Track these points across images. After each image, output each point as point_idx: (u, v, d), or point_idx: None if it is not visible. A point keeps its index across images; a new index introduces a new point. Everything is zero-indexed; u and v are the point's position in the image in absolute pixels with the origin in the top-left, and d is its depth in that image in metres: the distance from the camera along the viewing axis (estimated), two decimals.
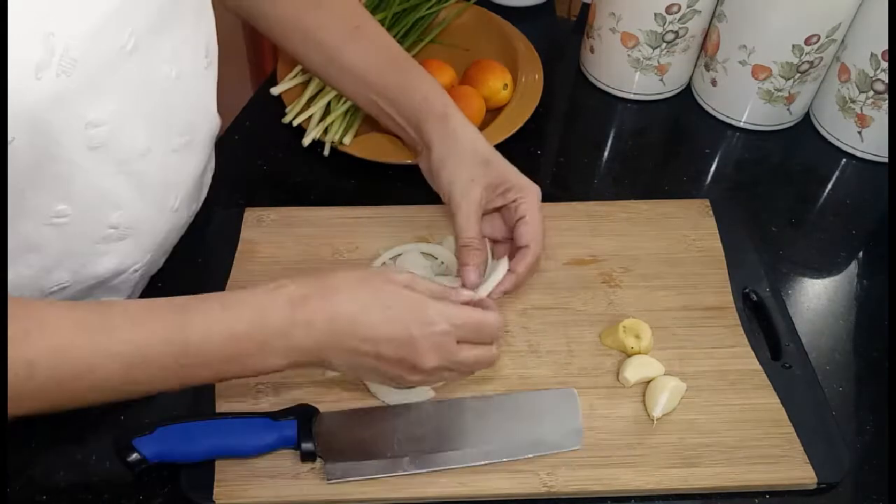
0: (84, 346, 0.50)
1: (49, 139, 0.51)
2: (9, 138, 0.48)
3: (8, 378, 0.47)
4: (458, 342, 0.58)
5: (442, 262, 0.76)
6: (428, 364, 0.57)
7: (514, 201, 0.69)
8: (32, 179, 0.53)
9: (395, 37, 0.96)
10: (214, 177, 0.79)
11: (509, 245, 0.71)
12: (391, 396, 0.66)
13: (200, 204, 0.77)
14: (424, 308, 0.57)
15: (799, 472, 0.63)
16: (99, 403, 0.54)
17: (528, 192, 0.69)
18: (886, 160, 0.92)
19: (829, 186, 0.91)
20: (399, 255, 0.77)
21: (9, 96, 0.46)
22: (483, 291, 0.67)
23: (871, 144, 0.92)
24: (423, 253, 0.77)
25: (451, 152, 0.70)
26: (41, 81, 0.47)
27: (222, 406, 0.66)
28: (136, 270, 0.67)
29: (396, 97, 0.72)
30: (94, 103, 0.53)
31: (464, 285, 0.68)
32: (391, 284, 0.57)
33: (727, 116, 0.96)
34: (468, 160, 0.69)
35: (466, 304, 0.60)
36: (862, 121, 0.91)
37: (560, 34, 1.13)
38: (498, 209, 0.71)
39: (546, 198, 0.84)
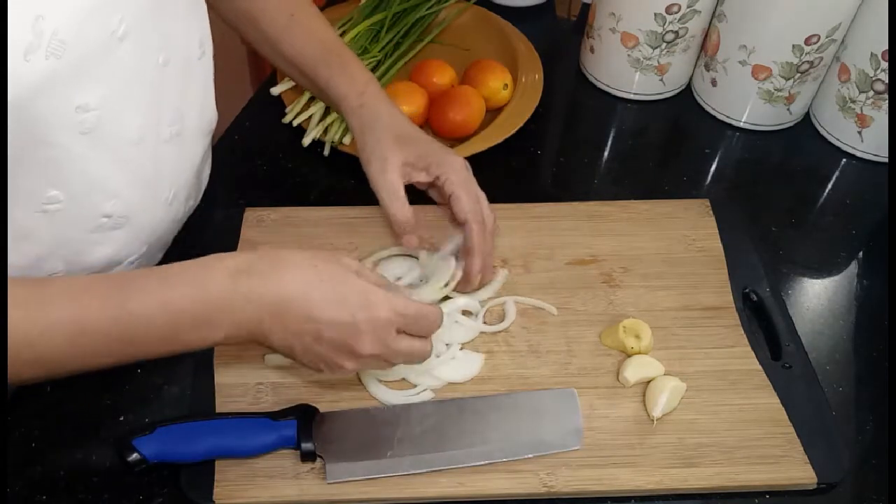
0: (28, 319, 0.50)
1: (39, 122, 0.51)
2: None
3: None
4: (397, 332, 0.58)
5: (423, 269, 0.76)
6: (366, 350, 0.57)
7: (438, 178, 0.70)
8: (23, 163, 0.53)
9: (395, 37, 0.97)
10: (214, 177, 0.80)
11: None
12: (391, 397, 0.66)
13: (198, 200, 0.77)
14: (370, 294, 0.57)
15: (799, 472, 0.63)
16: (52, 377, 0.54)
17: (449, 166, 0.70)
18: (886, 160, 0.92)
19: (829, 186, 0.91)
20: (381, 259, 0.77)
21: None
22: (427, 294, 0.68)
23: (871, 144, 0.92)
24: (405, 256, 0.77)
25: (367, 139, 0.72)
26: (30, 63, 0.48)
27: (222, 406, 0.66)
28: (131, 262, 0.67)
29: (324, 91, 0.76)
30: (84, 88, 0.53)
31: (406, 246, 0.73)
32: (340, 267, 0.57)
33: (727, 116, 0.96)
34: (382, 142, 0.71)
35: None
36: (862, 121, 0.91)
37: (560, 34, 1.13)
38: (431, 186, 0.73)
39: (546, 198, 0.84)
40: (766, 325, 0.74)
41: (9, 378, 0.52)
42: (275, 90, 0.93)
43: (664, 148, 0.96)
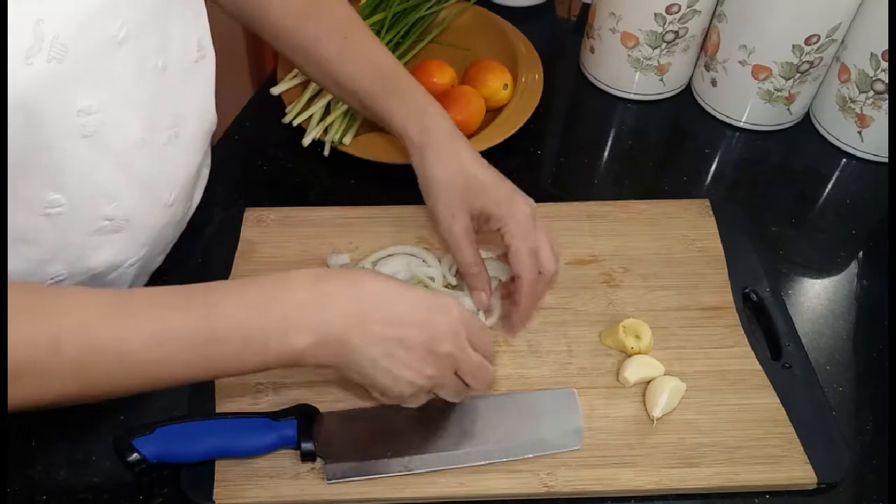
0: (108, 322, 0.50)
1: (40, 125, 0.51)
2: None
3: (33, 355, 0.47)
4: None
5: (432, 277, 0.76)
6: (443, 348, 0.57)
7: (498, 231, 0.69)
8: (24, 166, 0.53)
9: (395, 37, 0.97)
10: (215, 177, 0.79)
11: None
12: None
13: (197, 202, 0.77)
14: (440, 297, 0.59)
15: (799, 472, 0.63)
16: (128, 389, 0.53)
17: (508, 220, 0.68)
18: (886, 160, 0.92)
19: (829, 186, 0.91)
20: (382, 258, 0.77)
21: None
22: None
23: (871, 144, 0.92)
24: (404, 256, 0.77)
25: (431, 186, 0.71)
26: (31, 67, 0.48)
27: (222, 406, 0.66)
28: (131, 265, 0.67)
29: (383, 118, 0.73)
30: (85, 91, 0.53)
31: (478, 307, 0.72)
32: (395, 279, 0.59)
33: (727, 116, 0.96)
34: (446, 191, 0.70)
35: None
36: (862, 121, 0.91)
37: (560, 34, 1.13)
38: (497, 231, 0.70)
39: (546, 198, 0.84)
40: (766, 325, 0.74)
41: (85, 387, 0.51)
42: (275, 90, 0.93)
43: (664, 148, 0.96)
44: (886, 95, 0.87)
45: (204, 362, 0.53)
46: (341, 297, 0.55)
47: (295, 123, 0.90)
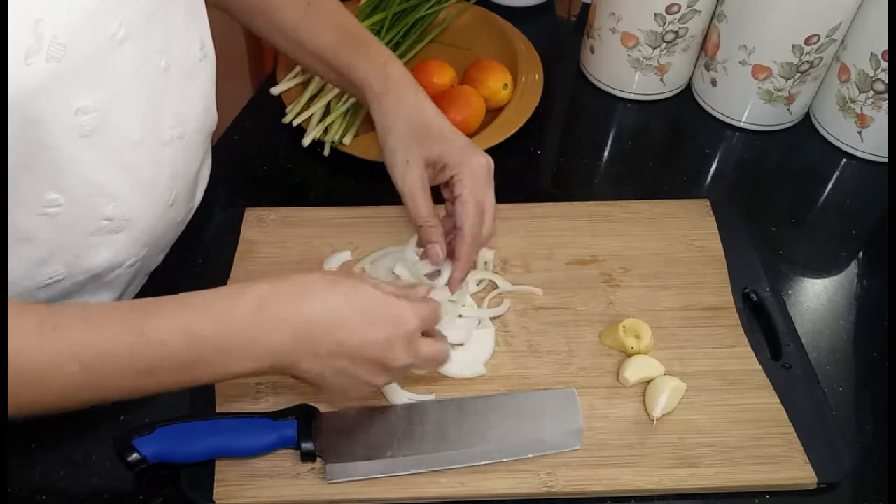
0: (41, 349, 0.48)
1: (39, 125, 0.51)
2: None
3: None
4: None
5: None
6: (399, 362, 0.57)
7: (452, 177, 0.69)
8: (24, 165, 0.53)
9: (395, 37, 0.97)
10: (214, 177, 0.80)
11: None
12: (396, 396, 0.66)
13: (197, 203, 0.77)
14: (397, 308, 0.57)
15: (799, 472, 0.63)
16: (69, 408, 0.52)
17: (464, 167, 0.68)
18: (886, 160, 0.92)
19: (829, 186, 0.91)
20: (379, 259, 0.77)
21: None
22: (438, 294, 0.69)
23: (871, 144, 0.92)
24: (406, 254, 0.77)
25: (388, 132, 0.70)
26: (31, 67, 0.48)
27: (222, 406, 0.66)
28: (130, 265, 0.67)
29: (345, 76, 0.74)
30: (85, 90, 0.53)
31: (432, 262, 0.71)
32: (362, 286, 0.57)
33: (727, 116, 0.96)
34: (403, 139, 0.70)
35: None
36: (862, 121, 0.91)
37: (560, 34, 1.13)
38: (446, 184, 0.71)
39: (546, 198, 0.84)
40: (766, 325, 0.74)
41: (17, 408, 0.49)
42: (275, 90, 0.93)
43: (664, 148, 0.96)
44: (886, 95, 0.87)
45: (139, 386, 0.52)
46: (288, 324, 0.53)
47: (295, 123, 0.90)
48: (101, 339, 0.50)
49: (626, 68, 0.96)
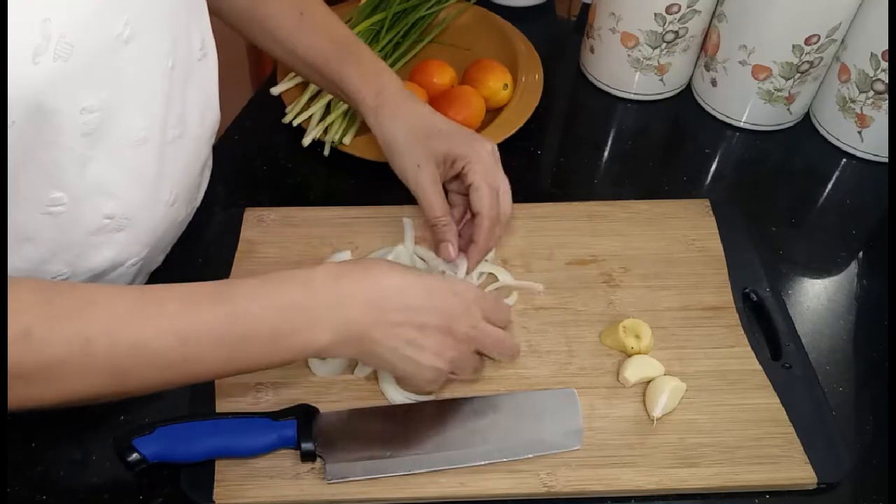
0: (138, 320, 0.51)
1: (45, 124, 0.52)
2: (8, 121, 0.49)
3: (65, 354, 0.48)
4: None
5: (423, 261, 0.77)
6: (461, 329, 0.59)
7: (462, 168, 0.70)
8: (27, 164, 0.53)
9: (395, 37, 0.97)
10: (214, 177, 0.80)
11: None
12: (396, 395, 0.66)
13: (198, 203, 0.77)
14: (451, 283, 0.61)
15: (799, 472, 0.63)
16: (158, 386, 0.54)
17: (472, 156, 0.70)
18: (886, 160, 0.92)
19: (829, 186, 0.91)
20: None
21: (8, 80, 0.47)
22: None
23: (871, 144, 0.92)
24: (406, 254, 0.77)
25: (390, 143, 0.72)
26: (39, 66, 0.48)
27: (222, 406, 0.66)
28: (132, 265, 0.67)
29: (338, 86, 0.75)
30: (90, 89, 0.53)
31: (445, 260, 0.73)
32: (411, 269, 0.61)
33: (727, 116, 0.96)
34: (407, 145, 0.71)
35: None
36: (862, 121, 0.91)
37: (560, 34, 1.13)
38: (456, 177, 0.72)
39: (546, 198, 0.84)
40: (766, 325, 0.73)
41: (120, 383, 0.52)
42: (275, 90, 0.93)
43: (664, 148, 0.96)
44: (886, 95, 0.87)
45: (230, 360, 0.54)
46: (361, 295, 0.56)
47: (295, 123, 0.90)
48: (196, 312, 0.52)
49: (626, 68, 0.96)
